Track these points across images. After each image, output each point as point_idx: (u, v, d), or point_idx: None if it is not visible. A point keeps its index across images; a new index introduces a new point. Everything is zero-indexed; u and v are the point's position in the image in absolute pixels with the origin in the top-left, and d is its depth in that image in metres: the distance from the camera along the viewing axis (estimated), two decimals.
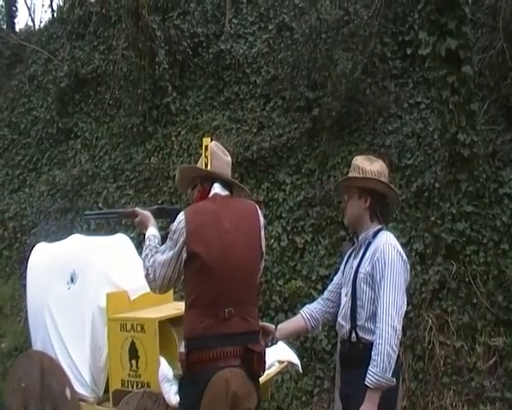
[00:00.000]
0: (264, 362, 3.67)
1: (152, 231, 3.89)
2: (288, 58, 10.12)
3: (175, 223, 3.56)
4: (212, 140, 3.86)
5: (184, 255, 3.50)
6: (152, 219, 4.01)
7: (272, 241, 8.59)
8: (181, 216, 3.56)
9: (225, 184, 3.78)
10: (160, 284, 3.61)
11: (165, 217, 4.27)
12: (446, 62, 7.28)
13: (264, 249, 3.79)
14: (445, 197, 7.51)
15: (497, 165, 7.72)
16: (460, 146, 7.28)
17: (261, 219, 3.80)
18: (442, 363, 6.89)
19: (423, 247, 7.52)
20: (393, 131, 8.83)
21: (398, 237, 3.76)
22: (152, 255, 3.67)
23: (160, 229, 3.98)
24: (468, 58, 7.33)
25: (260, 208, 3.94)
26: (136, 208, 4.21)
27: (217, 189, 3.71)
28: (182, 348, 3.55)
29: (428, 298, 7.22)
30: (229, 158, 3.89)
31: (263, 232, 3.79)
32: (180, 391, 3.73)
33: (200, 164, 3.81)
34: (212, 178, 3.75)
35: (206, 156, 3.75)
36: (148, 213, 4.06)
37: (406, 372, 6.88)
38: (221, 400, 3.46)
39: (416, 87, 9.31)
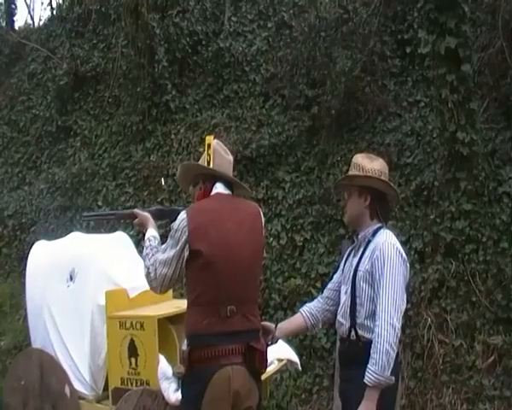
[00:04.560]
0: (266, 360, 3.69)
1: (152, 232, 3.90)
2: (288, 56, 10.12)
3: (177, 221, 3.56)
4: (214, 138, 3.87)
5: (186, 254, 3.50)
6: (151, 220, 4.03)
7: (271, 239, 8.59)
8: (183, 215, 3.56)
9: (227, 183, 3.79)
10: (160, 283, 3.61)
11: (163, 218, 4.29)
12: (446, 61, 7.27)
13: (264, 249, 3.81)
14: (445, 196, 7.51)
15: (496, 163, 7.71)
16: (459, 145, 7.27)
17: (262, 220, 3.82)
18: (441, 361, 6.88)
19: (422, 245, 7.51)
20: (392, 130, 8.84)
21: (397, 236, 3.76)
22: (153, 254, 3.67)
23: (159, 227, 4.00)
24: (467, 57, 7.31)
25: (260, 207, 3.95)
26: (135, 210, 4.23)
27: (219, 188, 3.73)
28: (184, 346, 3.57)
29: (427, 297, 7.21)
30: (231, 157, 3.90)
31: (264, 232, 3.81)
32: (182, 389, 3.74)
33: (203, 162, 3.81)
34: (214, 176, 3.76)
35: (208, 154, 3.75)
36: (147, 215, 4.07)
37: (405, 371, 6.87)
38: (223, 397, 3.47)
39: (415, 86, 9.31)
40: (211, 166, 3.74)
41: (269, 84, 10.43)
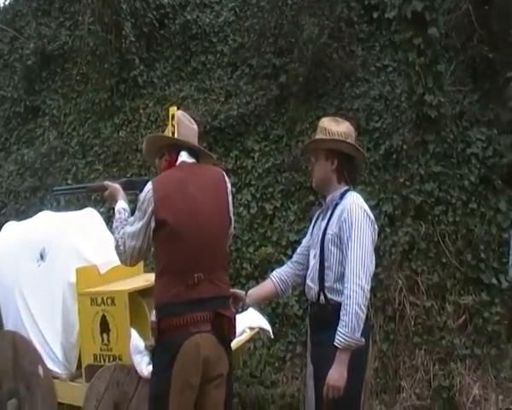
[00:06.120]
0: (235, 327, 3.70)
1: (121, 204, 3.92)
2: (255, 26, 10.03)
3: (143, 193, 3.59)
4: (178, 109, 3.86)
5: (153, 224, 3.52)
6: (122, 192, 4.04)
7: (242, 209, 8.57)
8: (148, 186, 3.59)
9: (192, 151, 3.80)
10: (129, 255, 3.64)
11: (133, 189, 4.27)
12: (412, 25, 7.25)
13: (232, 215, 3.81)
14: (413, 159, 7.51)
15: (464, 125, 7.73)
16: (427, 107, 7.27)
17: (228, 185, 3.82)
18: (413, 323, 6.93)
19: (392, 208, 7.53)
20: (361, 95, 8.82)
21: (366, 200, 3.79)
22: (122, 227, 3.69)
23: (129, 202, 3.98)
24: (433, 20, 7.28)
25: (229, 176, 3.94)
26: (106, 182, 4.25)
27: (183, 157, 3.75)
28: (153, 317, 3.58)
29: (398, 259, 7.23)
30: (196, 126, 3.92)
31: (230, 198, 3.81)
32: (153, 359, 3.76)
33: (167, 133, 3.84)
34: (178, 146, 3.77)
35: (172, 125, 3.78)
36: (117, 186, 4.08)
37: (377, 334, 6.92)
38: (193, 365, 3.48)
39: (382, 50, 9.30)
40: (175, 136, 3.75)
41: (236, 54, 10.34)
